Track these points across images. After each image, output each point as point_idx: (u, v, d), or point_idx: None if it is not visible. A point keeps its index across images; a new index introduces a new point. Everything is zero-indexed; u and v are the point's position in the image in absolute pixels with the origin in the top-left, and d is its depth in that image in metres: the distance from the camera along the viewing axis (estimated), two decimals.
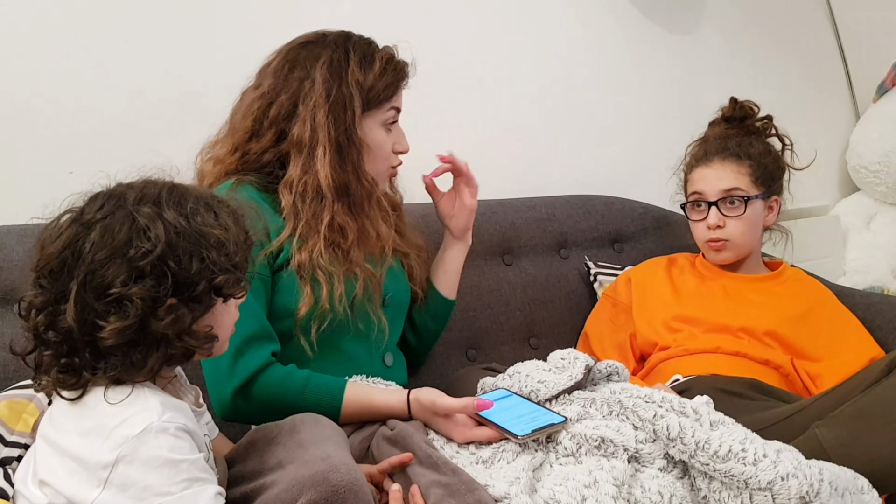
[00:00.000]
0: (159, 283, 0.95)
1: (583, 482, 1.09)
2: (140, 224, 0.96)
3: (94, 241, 0.95)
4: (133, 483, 0.91)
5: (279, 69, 1.42)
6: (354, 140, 1.40)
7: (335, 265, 1.37)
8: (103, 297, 0.94)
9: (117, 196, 1.00)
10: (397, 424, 1.27)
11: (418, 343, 1.63)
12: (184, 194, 1.03)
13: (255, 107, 1.41)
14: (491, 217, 1.98)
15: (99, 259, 0.95)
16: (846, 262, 2.74)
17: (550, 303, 1.99)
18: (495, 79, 2.19)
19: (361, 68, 1.41)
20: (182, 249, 0.97)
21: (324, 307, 1.36)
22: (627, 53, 2.45)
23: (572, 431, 1.20)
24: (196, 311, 0.99)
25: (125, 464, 0.91)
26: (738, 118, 1.95)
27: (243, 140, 1.41)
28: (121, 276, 0.94)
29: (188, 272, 0.97)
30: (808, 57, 2.88)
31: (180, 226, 0.98)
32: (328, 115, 1.38)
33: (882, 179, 2.78)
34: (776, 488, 1.08)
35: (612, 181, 2.30)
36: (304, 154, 1.38)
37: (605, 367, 1.39)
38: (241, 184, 1.39)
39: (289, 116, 1.39)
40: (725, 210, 1.83)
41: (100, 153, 1.68)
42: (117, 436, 0.92)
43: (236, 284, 1.03)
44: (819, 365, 1.74)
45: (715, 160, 1.86)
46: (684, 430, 1.15)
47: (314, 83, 1.39)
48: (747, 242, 1.85)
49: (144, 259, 0.95)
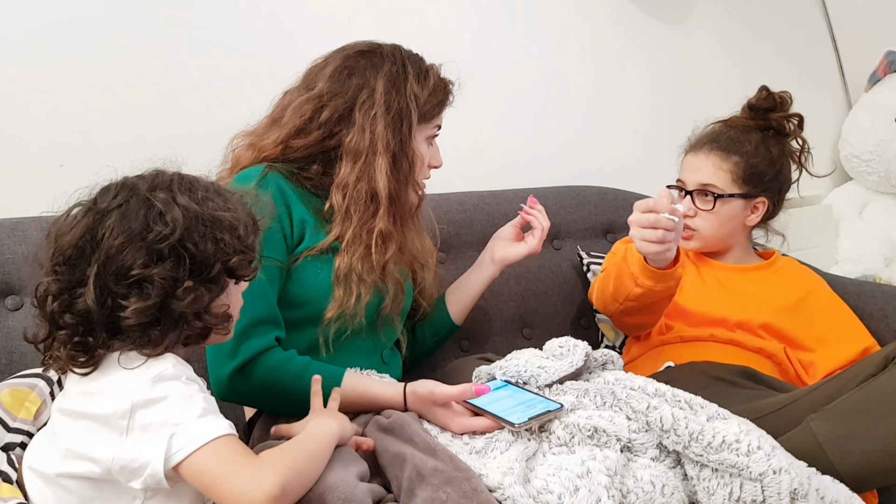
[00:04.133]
0: (178, 264, 1.00)
1: (576, 472, 1.09)
2: (157, 209, 1.01)
3: (111, 227, 0.99)
4: (151, 422, 0.95)
5: (336, 74, 1.44)
6: (407, 152, 1.44)
7: (370, 275, 1.41)
8: (124, 280, 0.98)
9: (130, 186, 1.04)
10: (393, 413, 1.28)
11: (410, 354, 1.63)
12: (193, 182, 1.08)
13: (307, 107, 1.43)
14: (484, 208, 1.98)
15: (118, 244, 0.98)
16: (838, 251, 2.75)
17: (543, 293, 1.99)
18: (488, 71, 2.19)
19: (419, 83, 1.46)
20: (198, 232, 1.02)
21: (349, 313, 1.39)
22: (619, 44, 2.45)
23: (565, 421, 1.20)
24: (213, 292, 1.04)
25: (141, 408, 0.95)
26: (763, 109, 1.88)
27: (290, 135, 1.43)
28: (140, 258, 0.98)
29: (205, 254, 1.02)
30: (800, 46, 2.89)
31: (194, 210, 1.03)
32: (388, 127, 1.41)
33: (874, 168, 2.79)
34: (767, 480, 1.08)
35: (605, 172, 2.30)
36: (362, 161, 1.41)
37: (601, 355, 1.39)
38: (271, 170, 1.41)
39: (341, 120, 1.42)
40: (699, 202, 1.81)
41: (89, 146, 1.68)
42: (131, 386, 0.97)
43: (248, 266, 1.08)
44: (812, 354, 1.74)
45: (702, 150, 1.84)
46: (678, 422, 1.16)
47: (373, 92, 1.42)
48: (716, 237, 1.83)
49: (163, 242, 0.99)
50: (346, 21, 1.97)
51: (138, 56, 1.73)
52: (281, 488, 0.95)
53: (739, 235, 1.88)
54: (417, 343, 1.66)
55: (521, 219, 1.69)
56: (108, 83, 1.70)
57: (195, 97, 1.79)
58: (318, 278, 1.40)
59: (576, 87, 2.35)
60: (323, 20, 1.95)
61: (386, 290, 1.45)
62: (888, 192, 2.84)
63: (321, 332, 1.40)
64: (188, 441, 0.95)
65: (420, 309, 1.65)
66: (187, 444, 0.95)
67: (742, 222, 1.85)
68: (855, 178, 2.89)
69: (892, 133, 2.73)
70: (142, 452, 0.95)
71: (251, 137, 1.48)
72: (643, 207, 1.48)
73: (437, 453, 1.12)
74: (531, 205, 1.68)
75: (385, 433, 1.23)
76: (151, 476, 0.95)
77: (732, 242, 1.88)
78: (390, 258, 1.43)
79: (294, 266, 1.40)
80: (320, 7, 1.96)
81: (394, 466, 1.14)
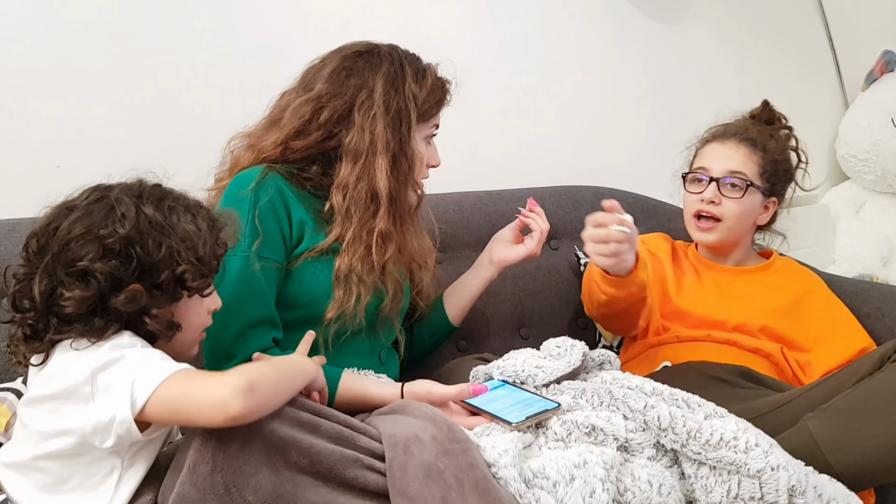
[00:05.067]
0: (124, 264, 1.02)
1: (573, 462, 1.10)
2: (118, 211, 1.05)
3: (72, 220, 1.04)
4: (113, 379, 0.97)
5: (334, 75, 1.44)
6: (407, 152, 1.44)
7: (370, 275, 1.41)
8: (70, 268, 1.01)
9: (105, 187, 1.09)
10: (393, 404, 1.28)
11: (408, 355, 1.63)
12: (166, 194, 1.11)
13: (306, 108, 1.43)
14: (480, 208, 1.98)
15: (74, 235, 1.02)
16: (835, 251, 2.75)
17: (540, 293, 1.99)
18: (485, 71, 2.19)
19: (417, 82, 1.46)
20: (152, 238, 1.05)
21: (349, 314, 1.39)
22: (617, 43, 2.45)
23: (563, 418, 1.20)
24: (158, 298, 1.05)
25: (101, 371, 0.98)
26: (764, 120, 1.91)
27: (289, 136, 1.43)
28: (90, 252, 1.01)
29: (153, 258, 1.04)
30: (796, 46, 2.89)
31: (153, 216, 1.06)
32: (387, 127, 1.41)
33: (871, 168, 2.79)
34: (765, 477, 1.08)
35: (602, 172, 2.30)
36: (362, 161, 1.41)
37: (598, 355, 1.40)
38: (271, 171, 1.41)
39: (340, 121, 1.42)
40: (725, 190, 1.80)
41: (86, 147, 1.68)
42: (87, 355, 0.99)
43: (199, 278, 1.09)
44: (809, 354, 1.74)
45: (731, 140, 1.84)
46: (675, 420, 1.16)
47: (372, 93, 1.42)
48: (737, 228, 1.82)
49: (112, 238, 1.02)
50: (343, 21, 1.97)
51: (135, 57, 1.73)
52: (247, 382, 0.95)
53: (748, 234, 1.89)
54: (415, 343, 1.66)
55: (520, 221, 1.68)
56: (105, 85, 1.70)
57: (192, 98, 1.79)
58: (318, 279, 1.40)
59: (573, 87, 2.35)
60: (321, 21, 1.95)
61: (385, 290, 1.45)
62: (885, 192, 2.84)
63: (321, 333, 1.39)
64: (148, 382, 0.96)
65: (418, 309, 1.65)
66: (148, 385, 0.96)
67: (754, 220, 1.86)
68: (852, 178, 2.89)
69: (888, 132, 2.73)
70: (109, 408, 0.96)
71: (250, 139, 1.48)
72: (594, 222, 1.51)
73: (437, 420, 1.12)
74: (531, 207, 1.67)
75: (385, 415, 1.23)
76: (121, 424, 0.96)
77: (741, 240, 1.88)
78: (390, 258, 1.43)
79: (293, 267, 1.40)
80: (318, 7, 1.96)
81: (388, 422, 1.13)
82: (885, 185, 2.81)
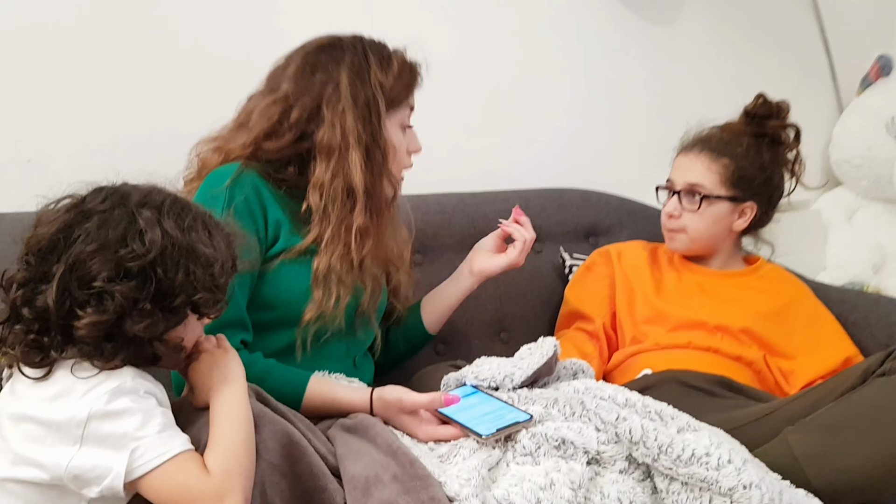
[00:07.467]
0: (142, 286, 0.98)
1: (539, 484, 1.07)
2: (138, 225, 0.99)
3: (89, 230, 0.98)
4: (109, 434, 0.95)
5: (299, 73, 1.41)
6: (380, 142, 1.41)
7: (349, 274, 1.38)
8: (85, 287, 0.96)
9: (122, 194, 1.03)
10: (358, 415, 1.26)
11: (383, 359, 1.61)
12: (185, 207, 1.06)
13: (275, 109, 1.40)
14: (463, 210, 1.94)
15: (90, 250, 0.97)
16: (826, 258, 2.71)
17: (522, 297, 1.95)
18: (469, 68, 2.15)
19: (382, 70, 1.43)
20: (171, 259, 1.00)
21: (329, 315, 1.36)
22: (606, 43, 2.41)
23: (533, 431, 1.17)
24: (170, 322, 1.02)
25: (98, 419, 0.94)
26: (760, 115, 1.86)
27: (259, 138, 1.40)
28: (106, 270, 0.97)
29: (172, 283, 1.00)
30: (791, 48, 2.85)
31: (175, 236, 1.01)
32: (357, 119, 1.39)
33: (864, 174, 2.75)
34: (736, 496, 1.05)
35: (588, 174, 2.26)
36: (335, 158, 1.38)
37: (571, 364, 1.37)
38: (247, 168, 1.38)
39: (311, 119, 1.39)
40: (686, 202, 1.81)
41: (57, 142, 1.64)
42: (89, 395, 0.95)
43: (213, 305, 1.06)
44: (793, 362, 1.72)
45: (692, 151, 1.84)
46: (647, 433, 1.12)
47: (338, 86, 1.39)
48: (702, 239, 1.82)
49: (134, 261, 0.97)
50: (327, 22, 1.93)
51: (109, 54, 1.69)
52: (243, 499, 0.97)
53: (726, 240, 1.86)
54: (390, 348, 1.63)
55: (503, 231, 1.63)
56: (77, 80, 1.66)
57: (166, 95, 1.75)
58: (294, 282, 1.37)
59: (559, 86, 2.31)
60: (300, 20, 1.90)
61: (363, 287, 1.42)
62: (878, 198, 2.80)
63: (299, 334, 1.37)
64: (150, 457, 0.95)
65: (395, 311, 1.62)
66: (149, 460, 0.95)
67: (729, 227, 1.83)
68: (845, 184, 2.85)
69: (882, 138, 2.69)
70: (100, 463, 0.95)
71: (217, 142, 1.45)
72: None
73: (398, 456, 1.10)
74: (516, 216, 1.62)
75: (349, 433, 1.20)
76: (110, 488, 0.95)
77: (718, 247, 1.86)
78: (367, 253, 1.41)
79: (268, 269, 1.37)
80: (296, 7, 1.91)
81: (349, 458, 1.11)
82: (879, 191, 2.76)
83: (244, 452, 1.01)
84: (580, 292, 1.88)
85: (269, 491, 1.02)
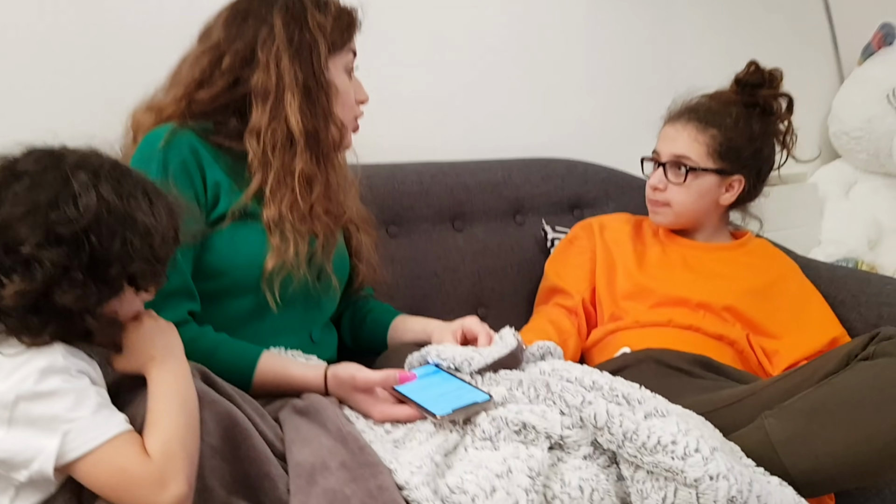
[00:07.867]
0: (74, 253, 0.92)
1: (495, 471, 1.01)
2: (72, 188, 0.93)
3: (17, 192, 0.92)
4: (39, 416, 0.90)
5: (230, 21, 1.35)
6: (323, 83, 1.35)
7: (303, 224, 1.33)
8: (12, 253, 0.91)
9: (57, 155, 0.97)
10: (310, 396, 1.20)
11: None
12: (125, 173, 0.99)
13: (205, 59, 1.34)
14: (442, 179, 1.88)
15: (18, 212, 0.91)
16: (822, 232, 2.64)
17: (502, 270, 1.89)
18: (452, 34, 2.07)
19: (320, 11, 1.37)
20: (107, 227, 0.94)
21: (291, 263, 1.31)
22: (594, 9, 2.32)
23: (493, 414, 1.11)
24: (103, 293, 0.96)
25: (27, 400, 0.90)
26: (752, 84, 1.78)
27: (191, 89, 1.34)
28: (35, 236, 0.91)
29: (107, 251, 0.94)
30: (791, 16, 2.76)
31: (112, 202, 0.95)
32: (293, 60, 1.32)
33: (863, 146, 2.68)
34: (702, 487, 1.00)
35: (575, 143, 2.19)
36: (271, 101, 1.32)
37: (538, 348, 1.33)
38: (182, 129, 1.32)
39: (245, 64, 1.33)
40: (671, 175, 1.75)
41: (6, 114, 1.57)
42: (15, 375, 0.91)
43: (152, 277, 1.01)
44: (777, 342, 1.66)
45: (679, 121, 1.78)
46: (612, 419, 1.06)
47: (272, 28, 1.33)
48: (687, 212, 1.77)
49: (66, 226, 0.91)
50: None
51: (60, 17, 1.61)
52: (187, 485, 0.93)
53: (712, 214, 1.80)
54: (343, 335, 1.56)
55: None
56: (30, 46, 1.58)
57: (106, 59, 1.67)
58: (239, 246, 1.31)
59: (546, 54, 2.23)
60: None
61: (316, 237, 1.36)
62: (877, 172, 2.73)
63: (266, 288, 1.31)
64: (84, 439, 0.91)
65: (359, 274, 1.54)
66: (83, 443, 0.91)
67: (716, 200, 1.77)
68: (843, 157, 2.78)
69: (883, 110, 2.61)
70: (29, 446, 0.90)
71: (149, 103, 1.39)
72: None
73: (348, 442, 1.05)
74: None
75: (299, 415, 1.15)
76: (39, 472, 0.91)
77: (704, 220, 1.80)
78: (316, 200, 1.35)
79: (213, 233, 1.31)
80: None
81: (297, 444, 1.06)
82: (878, 164, 2.69)
83: (188, 434, 0.96)
84: (560, 266, 1.83)
85: (207, 475, 0.97)
